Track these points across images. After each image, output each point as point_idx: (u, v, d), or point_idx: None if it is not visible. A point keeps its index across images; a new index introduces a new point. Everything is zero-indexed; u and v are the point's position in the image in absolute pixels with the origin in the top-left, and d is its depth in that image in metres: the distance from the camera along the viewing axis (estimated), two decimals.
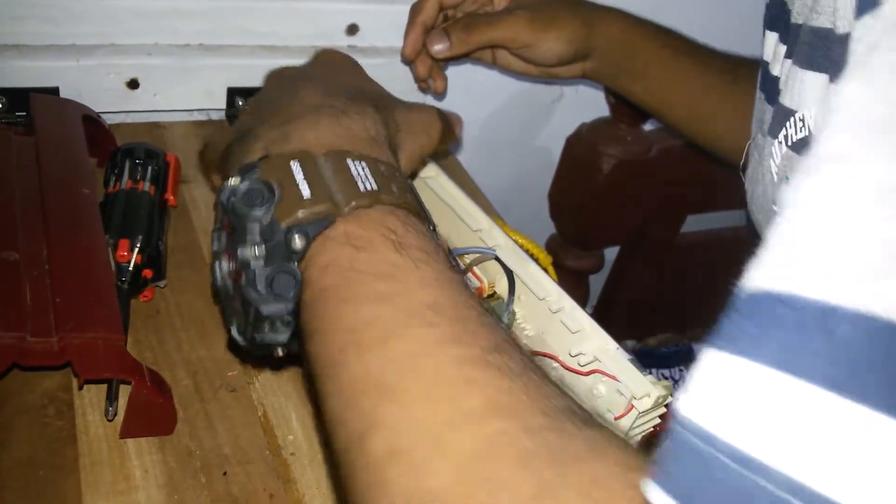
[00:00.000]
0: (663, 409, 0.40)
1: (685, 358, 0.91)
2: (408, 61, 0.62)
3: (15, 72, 0.59)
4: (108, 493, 0.38)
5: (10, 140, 0.52)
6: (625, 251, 1.00)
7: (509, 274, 0.44)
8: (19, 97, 0.59)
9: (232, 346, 0.46)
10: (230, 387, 0.45)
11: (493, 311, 0.30)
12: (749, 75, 0.54)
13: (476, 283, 0.45)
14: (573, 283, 0.90)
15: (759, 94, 0.48)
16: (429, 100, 0.71)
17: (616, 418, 0.40)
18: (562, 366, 0.42)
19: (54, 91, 0.61)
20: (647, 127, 0.86)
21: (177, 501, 0.39)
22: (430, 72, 0.62)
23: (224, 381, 0.46)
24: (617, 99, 0.72)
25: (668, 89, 0.60)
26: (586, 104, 0.91)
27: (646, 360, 0.88)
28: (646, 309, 1.04)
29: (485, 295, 0.46)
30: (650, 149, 0.85)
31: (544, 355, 0.43)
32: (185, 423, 0.42)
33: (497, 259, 0.44)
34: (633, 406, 0.39)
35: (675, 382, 0.89)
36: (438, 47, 0.56)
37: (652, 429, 0.41)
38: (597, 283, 1.06)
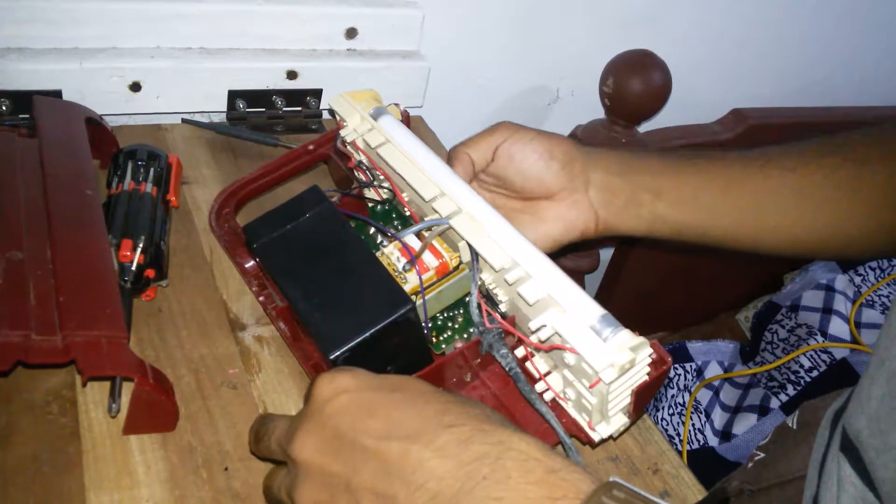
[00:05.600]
0: (648, 363, 0.38)
1: (677, 356, 0.92)
2: None
3: (18, 74, 0.60)
4: (111, 489, 0.39)
5: (13, 142, 0.52)
6: (620, 251, 1.01)
7: (469, 245, 0.42)
8: (23, 100, 0.60)
9: None
10: (231, 384, 0.46)
11: None
12: (776, 163, 0.53)
13: (436, 261, 0.43)
14: None
15: None
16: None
17: (590, 387, 0.38)
18: (528, 344, 0.42)
19: (57, 94, 0.62)
20: (642, 129, 0.87)
21: (179, 497, 0.40)
22: None
23: (225, 378, 0.46)
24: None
25: (693, 201, 0.53)
26: (581, 106, 0.92)
27: None
28: (640, 308, 1.05)
29: (450, 269, 0.44)
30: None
31: (514, 333, 0.42)
32: (186, 420, 0.43)
33: (452, 229, 0.42)
34: (599, 379, 0.37)
35: (669, 381, 0.90)
36: None
37: (645, 377, 0.39)
38: (592, 282, 1.07)
